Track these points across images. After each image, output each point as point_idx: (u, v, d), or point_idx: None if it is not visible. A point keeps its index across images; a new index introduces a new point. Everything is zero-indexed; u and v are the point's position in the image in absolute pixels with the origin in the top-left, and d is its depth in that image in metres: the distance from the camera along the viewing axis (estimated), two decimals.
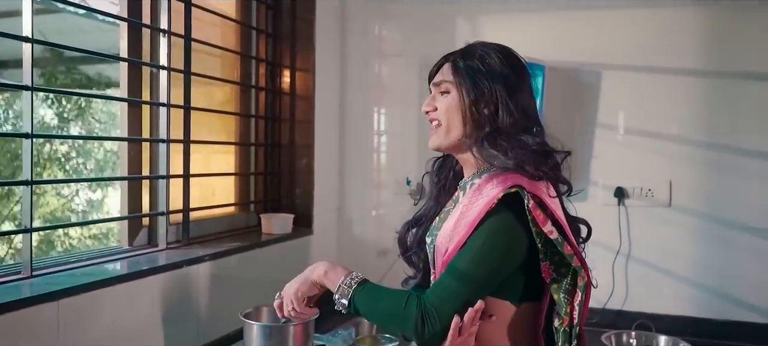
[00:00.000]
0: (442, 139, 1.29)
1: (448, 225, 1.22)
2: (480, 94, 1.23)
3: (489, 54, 1.27)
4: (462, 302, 1.14)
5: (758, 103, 2.26)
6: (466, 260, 1.14)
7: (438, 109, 1.29)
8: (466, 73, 1.25)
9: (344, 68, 2.79)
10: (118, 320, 1.58)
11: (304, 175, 2.59)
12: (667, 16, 2.36)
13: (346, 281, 1.25)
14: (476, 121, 1.23)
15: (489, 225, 1.14)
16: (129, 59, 1.90)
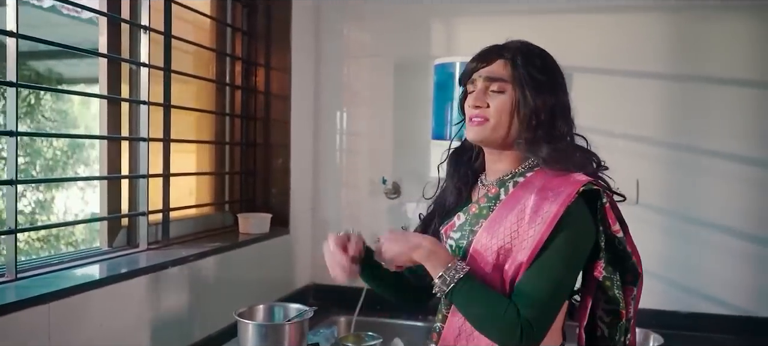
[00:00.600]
0: (487, 134, 1.26)
1: (501, 224, 1.21)
2: (542, 103, 1.22)
3: (544, 59, 1.28)
4: (555, 306, 1.19)
5: (720, 106, 2.38)
6: (555, 260, 1.16)
7: (490, 106, 1.25)
8: (529, 76, 1.23)
9: (318, 68, 2.79)
10: (107, 322, 1.55)
11: (280, 174, 2.58)
12: (634, 22, 2.46)
13: (449, 272, 1.18)
14: (531, 126, 1.23)
15: (573, 224, 1.16)
16: (109, 55, 1.85)
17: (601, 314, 1.28)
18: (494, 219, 1.23)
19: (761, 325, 2.34)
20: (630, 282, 1.26)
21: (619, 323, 1.26)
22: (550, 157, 1.23)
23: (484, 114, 1.26)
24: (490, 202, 1.28)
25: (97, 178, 1.88)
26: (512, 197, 1.24)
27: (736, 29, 2.37)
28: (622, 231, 1.22)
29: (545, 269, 1.16)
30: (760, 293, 2.36)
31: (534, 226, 1.16)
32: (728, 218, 2.36)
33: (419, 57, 2.67)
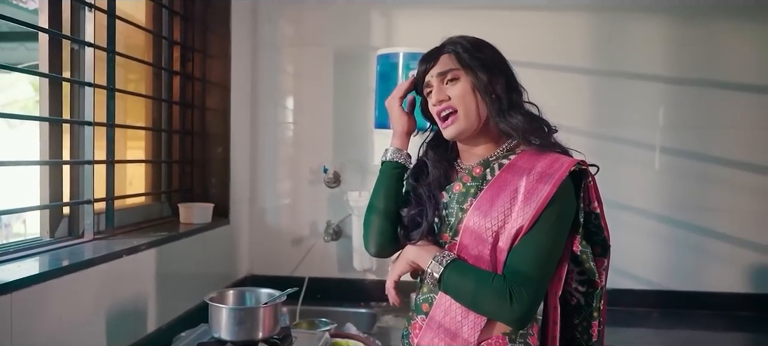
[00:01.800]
0: (463, 125, 1.32)
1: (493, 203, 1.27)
2: (491, 74, 1.31)
3: (478, 41, 1.37)
4: (546, 275, 1.25)
5: (639, 100, 2.60)
6: (545, 233, 1.23)
7: (451, 97, 1.32)
8: (472, 57, 1.32)
9: (256, 56, 2.75)
10: (66, 312, 1.47)
11: (219, 164, 2.52)
12: (562, 20, 2.63)
13: (437, 260, 1.27)
14: (493, 99, 1.31)
15: (559, 200, 1.23)
16: (51, 31, 1.74)
17: (576, 285, 1.37)
18: (485, 200, 1.29)
19: (672, 296, 2.59)
20: (599, 254, 1.36)
21: (595, 292, 1.36)
22: (522, 129, 1.30)
23: (451, 105, 1.33)
24: (477, 181, 1.35)
25: (43, 162, 1.75)
26: (501, 179, 1.31)
27: (648, 30, 2.60)
28: (599, 207, 1.32)
29: (532, 242, 1.24)
30: (669, 268, 2.61)
31: (529, 205, 1.23)
32: (643, 202, 2.59)
33: (359, 47, 2.71)
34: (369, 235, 1.45)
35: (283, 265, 2.74)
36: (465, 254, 1.30)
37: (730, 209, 2.57)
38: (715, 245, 2.59)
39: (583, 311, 1.38)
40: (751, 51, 2.54)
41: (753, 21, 2.54)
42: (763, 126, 2.55)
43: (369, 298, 2.67)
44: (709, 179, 2.59)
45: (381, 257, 1.49)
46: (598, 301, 1.37)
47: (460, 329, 1.32)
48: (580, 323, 1.39)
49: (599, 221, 1.33)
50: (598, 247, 1.36)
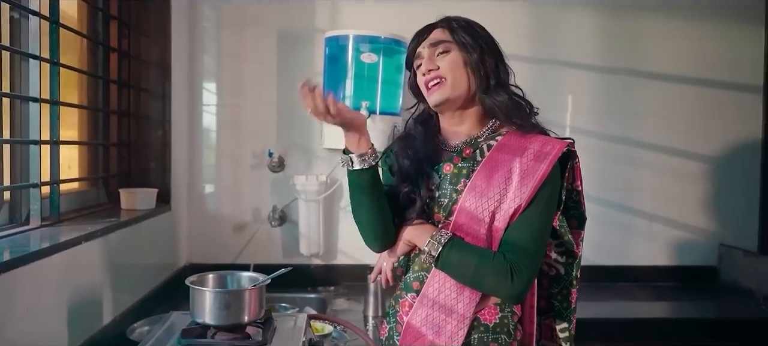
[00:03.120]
0: (448, 92, 1.35)
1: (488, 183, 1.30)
2: (482, 51, 1.35)
3: (472, 21, 1.41)
4: (541, 251, 1.30)
5: (571, 87, 2.76)
6: (539, 212, 1.28)
7: (441, 67, 1.36)
8: (465, 33, 1.36)
9: (193, 34, 2.63)
10: (33, 303, 1.34)
11: (159, 148, 2.39)
12: (502, 9, 2.72)
13: (435, 236, 1.30)
14: (482, 74, 1.35)
15: (550, 181, 1.30)
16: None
17: (556, 256, 1.44)
18: (480, 180, 1.33)
19: (601, 271, 2.77)
20: (576, 226, 1.45)
21: (574, 261, 1.44)
22: (507, 109, 1.35)
23: (440, 74, 1.36)
24: (468, 162, 1.37)
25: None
26: (493, 159, 1.34)
27: (578, 22, 2.76)
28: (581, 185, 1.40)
29: (529, 221, 1.29)
30: (598, 245, 2.78)
31: (526, 184, 1.28)
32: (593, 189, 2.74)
33: (303, 29, 2.66)
34: (368, 236, 1.43)
35: (224, 252, 2.65)
36: (461, 233, 1.33)
37: (650, 188, 2.79)
38: (637, 222, 2.80)
39: (563, 280, 1.45)
40: (671, 44, 2.77)
41: (672, 17, 2.76)
42: (680, 113, 2.78)
43: (316, 283, 2.65)
44: (631, 161, 2.79)
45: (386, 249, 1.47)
46: (577, 270, 1.45)
47: (455, 305, 1.35)
48: (559, 292, 1.46)
49: (579, 197, 1.41)
50: (575, 220, 1.45)
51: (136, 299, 2.02)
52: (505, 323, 1.36)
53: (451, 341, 1.32)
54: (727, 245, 2.79)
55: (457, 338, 1.32)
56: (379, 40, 2.42)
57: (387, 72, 2.45)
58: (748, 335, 2.30)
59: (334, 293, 2.56)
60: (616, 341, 2.24)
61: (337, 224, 2.71)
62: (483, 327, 1.34)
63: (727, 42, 2.78)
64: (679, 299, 2.65)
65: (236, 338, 1.41)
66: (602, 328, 2.27)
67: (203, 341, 1.38)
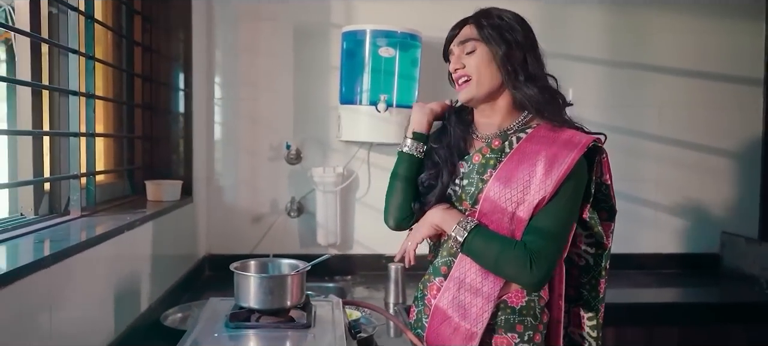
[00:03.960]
0: (474, 91, 1.42)
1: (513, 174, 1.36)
2: (508, 47, 1.40)
3: (505, 13, 1.46)
4: (562, 243, 1.36)
5: (578, 81, 2.83)
6: (562, 206, 1.34)
7: (467, 66, 1.42)
8: (492, 29, 1.41)
9: (211, 30, 2.68)
10: (85, 289, 1.40)
11: (180, 140, 2.44)
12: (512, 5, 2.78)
13: (461, 226, 1.37)
14: (509, 72, 1.39)
15: (577, 175, 1.35)
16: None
17: (585, 247, 1.50)
18: (505, 171, 1.39)
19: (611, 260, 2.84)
20: (606, 219, 1.51)
21: (603, 252, 1.50)
22: (537, 102, 1.41)
23: (466, 73, 1.44)
24: (496, 153, 1.44)
25: (28, 132, 1.63)
26: (520, 151, 1.40)
27: (585, 17, 2.83)
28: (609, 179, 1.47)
29: (552, 212, 1.36)
30: None
31: (550, 177, 1.34)
32: None
33: (318, 24, 2.71)
34: (389, 208, 1.54)
35: (242, 243, 2.70)
36: (485, 221, 1.40)
37: (655, 179, 2.88)
38: (642, 212, 2.89)
39: (592, 270, 1.51)
40: (674, 38, 2.85)
41: (676, 12, 2.85)
42: (684, 105, 2.87)
43: (334, 272, 2.71)
44: (638, 152, 2.88)
45: (399, 230, 1.56)
46: (606, 261, 1.51)
47: (481, 288, 1.42)
48: (588, 282, 1.52)
49: (608, 191, 1.47)
50: (605, 212, 1.51)
51: (164, 288, 2.08)
52: (532, 306, 1.43)
53: (476, 322, 1.39)
54: (729, 233, 2.88)
55: (482, 319, 1.39)
56: (396, 35, 2.49)
57: (403, 66, 2.51)
58: (751, 318, 2.40)
59: (352, 282, 2.62)
60: (628, 324, 2.33)
61: (353, 215, 2.77)
62: (510, 309, 1.41)
63: (729, 36, 2.87)
64: (684, 284, 2.74)
65: (281, 321, 1.46)
66: (610, 312, 2.35)
67: (250, 324, 1.44)
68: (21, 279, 1.08)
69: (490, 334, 1.42)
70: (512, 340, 1.41)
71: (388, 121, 2.44)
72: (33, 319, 1.15)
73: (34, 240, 1.41)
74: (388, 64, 2.48)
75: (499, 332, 1.41)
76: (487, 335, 1.41)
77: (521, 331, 1.41)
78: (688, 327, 2.34)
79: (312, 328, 1.45)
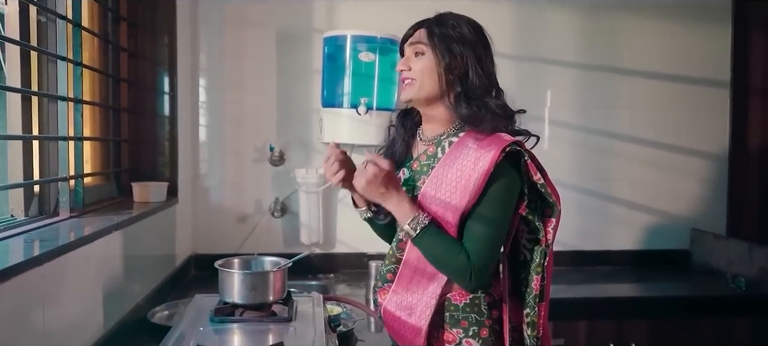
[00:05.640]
0: (414, 93, 1.48)
1: (443, 178, 1.42)
2: (452, 58, 1.45)
3: (460, 23, 1.49)
4: (497, 247, 1.43)
5: (554, 83, 2.93)
6: (492, 210, 1.39)
7: (412, 69, 1.48)
8: (440, 38, 1.46)
9: (196, 33, 2.74)
10: (79, 287, 1.46)
11: (167, 143, 2.50)
12: (488, 8, 2.87)
13: (414, 221, 1.41)
14: (449, 82, 1.45)
15: (504, 178, 1.39)
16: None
17: (525, 242, 1.54)
18: (436, 175, 1.45)
19: (583, 255, 2.96)
20: (548, 215, 1.52)
21: (539, 249, 1.51)
22: (468, 116, 1.45)
23: (411, 76, 1.49)
24: (430, 159, 1.51)
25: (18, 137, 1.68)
26: (449, 155, 1.46)
27: (561, 21, 2.93)
28: (542, 177, 1.47)
29: (485, 218, 1.41)
30: (580, 231, 2.97)
31: (472, 180, 1.39)
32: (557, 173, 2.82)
33: (301, 29, 2.79)
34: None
35: (228, 243, 2.77)
36: None
37: (627, 177, 2.98)
38: (615, 209, 2.99)
39: (528, 266, 1.52)
40: (646, 41, 2.96)
41: (649, 16, 2.95)
42: (655, 106, 2.97)
43: (317, 271, 2.78)
44: (611, 152, 2.98)
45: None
46: (542, 257, 1.49)
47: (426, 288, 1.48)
48: (525, 278, 1.53)
49: (545, 189, 1.47)
50: (548, 208, 1.51)
51: (151, 286, 2.14)
52: (476, 303, 1.49)
53: (420, 318, 1.46)
54: (698, 230, 2.99)
55: (426, 316, 1.46)
56: (376, 40, 2.56)
57: (383, 70, 2.58)
58: (718, 311, 2.51)
59: (335, 280, 2.70)
60: (600, 318, 2.43)
61: (335, 214, 2.84)
62: (453, 306, 1.49)
63: (697, 39, 2.98)
64: (654, 279, 2.84)
65: (263, 315, 1.54)
66: (586, 307, 2.46)
67: (235, 318, 1.52)
68: (12, 278, 1.15)
69: (438, 329, 1.49)
70: (457, 335, 1.49)
71: (369, 123, 2.52)
72: (25, 316, 1.21)
73: (24, 240, 1.47)
74: (368, 68, 2.56)
75: (445, 327, 1.49)
76: (435, 331, 1.49)
77: (466, 326, 1.48)
78: (657, 320, 2.44)
79: (293, 321, 1.53)
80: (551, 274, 1.54)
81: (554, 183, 1.51)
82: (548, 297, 1.54)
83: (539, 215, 1.50)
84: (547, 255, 1.51)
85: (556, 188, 1.50)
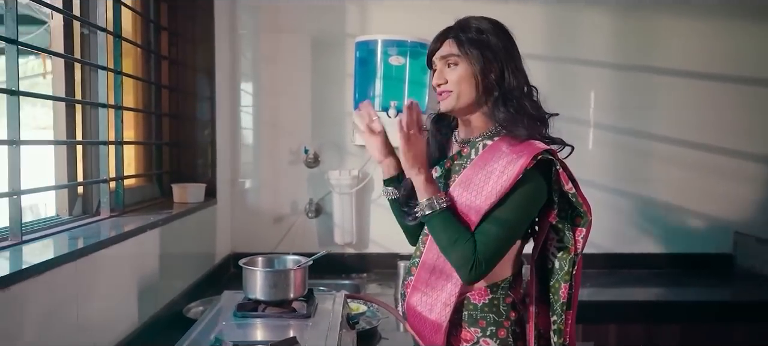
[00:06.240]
0: (453, 103, 1.50)
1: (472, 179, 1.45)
2: (487, 62, 1.47)
3: (483, 26, 1.50)
4: (504, 248, 1.44)
5: (589, 84, 2.91)
6: (510, 212, 1.41)
7: (449, 80, 1.50)
8: (470, 44, 1.47)
9: (235, 41, 2.85)
10: (110, 282, 1.57)
11: (206, 146, 2.61)
12: (520, 11, 2.88)
13: (432, 200, 1.45)
14: (486, 87, 1.47)
15: (528, 184, 1.40)
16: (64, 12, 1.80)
17: (554, 250, 1.55)
18: (466, 176, 1.48)
19: (617, 258, 2.92)
20: (578, 224, 1.52)
21: (568, 257, 1.52)
22: (505, 121, 1.47)
23: (448, 88, 1.51)
24: (462, 160, 1.54)
25: (62, 142, 1.81)
26: (481, 158, 1.49)
27: (594, 21, 2.90)
28: (573, 187, 1.47)
29: (501, 218, 1.42)
30: (614, 234, 2.94)
31: (499, 183, 1.41)
32: (592, 174, 2.90)
33: (335, 34, 2.86)
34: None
35: (265, 242, 2.87)
36: None
37: (665, 179, 2.93)
38: (653, 212, 2.94)
39: (557, 274, 1.53)
40: (682, 41, 2.90)
41: (683, 15, 2.89)
42: (690, 106, 2.91)
43: (350, 270, 2.85)
44: (648, 153, 2.93)
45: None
46: (570, 265, 1.51)
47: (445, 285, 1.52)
48: (552, 286, 1.54)
49: (576, 199, 1.47)
50: (579, 218, 1.51)
51: (188, 283, 2.25)
52: (495, 304, 1.51)
53: (440, 315, 1.50)
54: (741, 233, 2.91)
55: (445, 313, 1.49)
56: (406, 44, 2.61)
57: (413, 73, 2.63)
58: (757, 316, 2.43)
59: (367, 279, 2.76)
60: (630, 322, 2.40)
61: (368, 215, 2.90)
62: (472, 306, 1.51)
63: (736, 38, 2.90)
64: (694, 283, 2.77)
65: (284, 311, 1.61)
66: (615, 310, 2.43)
67: (255, 314, 1.59)
68: (47, 272, 1.26)
69: (457, 328, 1.53)
70: (475, 334, 1.51)
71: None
72: (60, 308, 1.32)
73: (68, 237, 1.59)
74: (398, 72, 2.61)
75: (464, 326, 1.52)
76: (454, 329, 1.52)
77: (484, 326, 1.51)
78: (690, 324, 2.39)
79: (311, 318, 1.59)
80: (579, 283, 1.54)
81: (587, 184, 1.52)
82: (576, 305, 1.55)
83: (570, 224, 1.50)
84: (576, 264, 1.51)
85: (587, 199, 1.49)
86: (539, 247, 1.54)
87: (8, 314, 1.14)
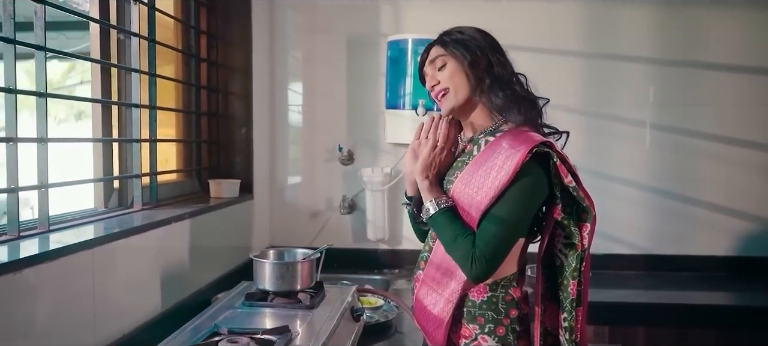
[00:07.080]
0: (452, 101, 1.53)
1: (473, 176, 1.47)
2: (473, 55, 1.51)
3: (464, 28, 1.57)
4: (506, 245, 1.45)
5: (629, 80, 2.83)
6: (509, 208, 1.41)
7: (441, 80, 1.54)
8: (454, 43, 1.53)
9: (273, 43, 2.96)
10: (131, 270, 1.69)
11: (243, 143, 2.74)
12: (558, 8, 2.84)
13: (435, 202, 1.50)
14: (477, 77, 1.51)
15: (525, 179, 1.40)
16: (101, 22, 1.94)
17: (561, 247, 1.55)
18: (468, 172, 1.50)
19: (658, 260, 2.83)
20: (584, 219, 1.51)
21: (575, 253, 1.51)
22: (503, 106, 1.50)
23: (442, 87, 1.55)
24: (466, 157, 1.57)
25: (97, 140, 1.97)
26: (482, 155, 1.50)
27: (636, 15, 2.82)
28: (573, 181, 1.46)
29: (500, 215, 1.43)
30: (656, 235, 2.84)
31: (498, 179, 1.42)
32: (633, 173, 2.82)
33: (369, 34, 2.92)
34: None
35: (301, 237, 2.96)
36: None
37: (709, 178, 2.81)
38: (696, 212, 2.82)
39: (565, 270, 1.52)
40: (729, 34, 2.77)
41: (730, 7, 2.76)
42: (738, 103, 2.78)
43: (382, 266, 2.90)
44: (690, 151, 2.82)
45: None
46: (578, 262, 1.50)
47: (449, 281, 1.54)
48: (561, 282, 1.54)
49: (577, 192, 1.46)
50: (584, 213, 1.50)
51: (221, 273, 2.37)
52: (494, 302, 1.51)
53: (443, 310, 1.52)
54: None
55: (447, 309, 1.51)
56: None
57: None
58: None
59: (398, 275, 2.80)
60: (661, 325, 2.32)
61: (401, 212, 2.94)
62: (471, 303, 1.52)
63: None
64: (740, 289, 2.65)
65: (290, 302, 1.68)
66: (645, 312, 2.36)
67: (263, 303, 1.67)
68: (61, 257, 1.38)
69: (457, 324, 1.55)
70: (473, 331, 1.53)
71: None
72: (80, 291, 1.45)
73: (102, 226, 1.73)
74: None
75: (463, 322, 1.54)
76: (455, 325, 1.54)
77: (482, 323, 1.52)
78: (727, 329, 2.30)
79: (315, 309, 1.66)
80: (588, 278, 1.54)
81: (627, 183, 1.49)
82: (586, 302, 1.54)
83: (575, 220, 1.50)
84: (584, 260, 1.51)
85: (588, 193, 1.49)
86: (545, 244, 1.54)
87: (22, 298, 1.26)
